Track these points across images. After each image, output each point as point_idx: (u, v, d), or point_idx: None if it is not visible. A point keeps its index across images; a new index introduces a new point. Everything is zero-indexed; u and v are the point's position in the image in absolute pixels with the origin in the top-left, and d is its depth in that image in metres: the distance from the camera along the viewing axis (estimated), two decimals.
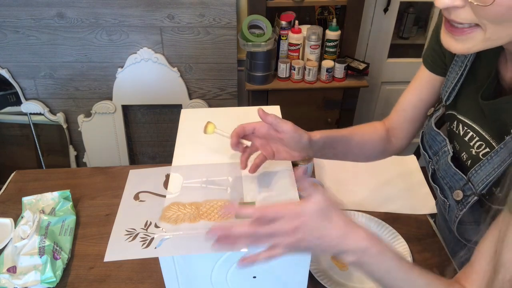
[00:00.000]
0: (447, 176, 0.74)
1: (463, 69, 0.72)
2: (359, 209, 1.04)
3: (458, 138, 0.74)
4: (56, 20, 1.89)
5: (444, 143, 0.75)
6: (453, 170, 0.72)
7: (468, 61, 0.72)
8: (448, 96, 0.76)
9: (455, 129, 0.74)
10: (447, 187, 0.75)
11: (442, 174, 0.76)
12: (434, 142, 0.78)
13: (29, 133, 2.17)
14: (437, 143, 0.77)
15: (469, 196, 0.69)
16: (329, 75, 1.92)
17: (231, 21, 1.92)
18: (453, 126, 0.75)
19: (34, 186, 1.14)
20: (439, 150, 0.76)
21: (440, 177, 0.76)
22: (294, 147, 0.73)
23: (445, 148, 0.75)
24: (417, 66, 0.86)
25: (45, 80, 2.05)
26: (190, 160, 0.79)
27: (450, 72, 0.75)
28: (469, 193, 0.69)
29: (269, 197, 0.71)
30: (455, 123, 0.75)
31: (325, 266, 0.91)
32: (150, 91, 2.05)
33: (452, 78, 0.74)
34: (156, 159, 2.36)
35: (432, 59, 0.81)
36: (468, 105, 0.72)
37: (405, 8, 2.31)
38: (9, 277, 0.85)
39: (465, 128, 0.73)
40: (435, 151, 0.78)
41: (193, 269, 0.67)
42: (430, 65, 0.81)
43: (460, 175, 0.71)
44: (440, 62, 0.79)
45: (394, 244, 0.95)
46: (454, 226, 0.76)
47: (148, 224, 0.66)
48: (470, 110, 0.72)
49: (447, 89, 0.76)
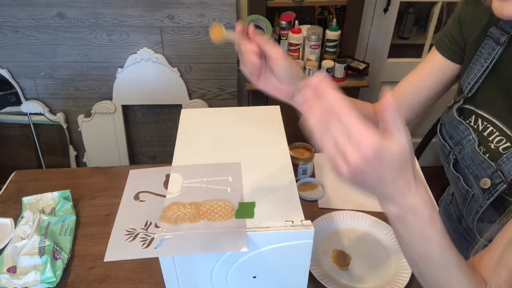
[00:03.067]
0: (473, 164, 0.72)
1: (490, 62, 0.69)
2: (359, 209, 1.04)
3: (475, 132, 0.72)
4: (56, 20, 1.89)
5: (468, 131, 0.73)
6: (480, 158, 0.70)
7: (496, 53, 0.69)
8: (471, 89, 0.73)
9: (473, 123, 0.73)
10: (473, 176, 0.73)
11: (467, 163, 0.73)
12: (456, 132, 0.76)
13: (29, 133, 2.17)
14: (459, 132, 0.75)
15: (497, 184, 0.67)
16: (329, 75, 1.92)
17: (231, 21, 1.92)
18: (469, 121, 0.74)
19: (34, 186, 1.14)
20: (463, 139, 0.74)
21: (464, 166, 0.74)
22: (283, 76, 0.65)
23: (470, 136, 0.73)
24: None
25: (45, 80, 2.05)
26: (190, 160, 0.79)
27: (474, 64, 0.72)
28: (498, 181, 0.67)
29: (269, 197, 0.71)
30: (473, 118, 0.73)
31: (325, 267, 0.91)
32: (150, 91, 2.05)
33: (476, 70, 0.72)
34: (156, 159, 2.36)
35: (448, 45, 0.78)
36: (491, 99, 0.71)
37: (405, 8, 2.31)
38: (9, 277, 0.85)
39: (484, 123, 0.71)
40: (457, 141, 0.76)
41: (193, 269, 0.67)
42: (446, 50, 0.79)
43: (488, 163, 0.69)
44: (459, 49, 0.77)
45: (394, 244, 0.96)
46: (474, 219, 0.73)
47: (148, 224, 0.66)
48: (492, 104, 0.70)
49: (470, 81, 0.73)
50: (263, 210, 0.67)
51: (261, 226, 0.64)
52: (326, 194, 1.11)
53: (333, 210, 1.04)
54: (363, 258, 0.94)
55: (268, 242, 0.64)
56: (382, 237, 0.98)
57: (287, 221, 0.65)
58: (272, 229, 0.64)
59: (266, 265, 0.68)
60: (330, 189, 1.13)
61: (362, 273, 0.90)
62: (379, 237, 0.99)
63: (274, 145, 0.82)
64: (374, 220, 1.01)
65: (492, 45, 0.69)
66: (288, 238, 0.64)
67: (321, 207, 1.07)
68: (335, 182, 1.16)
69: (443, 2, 2.09)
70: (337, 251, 0.95)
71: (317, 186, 1.14)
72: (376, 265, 0.92)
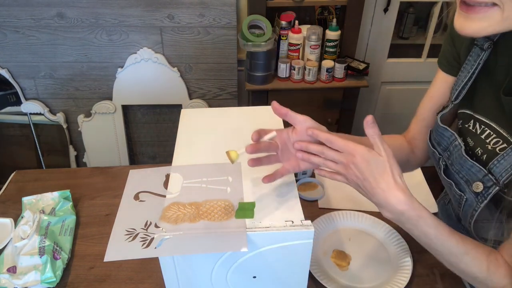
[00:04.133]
0: (463, 169, 0.74)
1: (475, 68, 0.73)
2: (359, 209, 1.04)
3: (472, 135, 0.74)
4: (56, 20, 1.89)
5: (453, 137, 0.76)
6: (469, 163, 0.72)
7: (481, 59, 0.72)
8: (458, 94, 0.76)
9: (472, 127, 0.75)
10: (464, 181, 0.74)
11: (457, 168, 0.75)
12: (442, 138, 0.78)
13: (29, 133, 2.17)
14: (446, 138, 0.78)
15: (490, 187, 0.69)
16: (329, 75, 1.92)
17: (231, 21, 1.92)
18: (468, 125, 0.76)
19: (34, 186, 1.14)
20: (449, 145, 0.77)
21: (454, 172, 0.76)
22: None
23: (455, 142, 0.75)
24: (417, 66, 0.87)
25: (45, 80, 2.05)
26: (190, 160, 0.79)
27: (462, 71, 0.76)
28: (490, 184, 0.69)
29: (269, 197, 0.71)
30: (472, 122, 0.75)
31: (325, 266, 0.91)
32: (150, 91, 2.05)
33: (463, 76, 0.75)
34: (156, 159, 2.36)
35: (447, 60, 0.81)
36: (485, 103, 0.73)
37: (405, 8, 2.31)
38: (9, 277, 0.85)
39: (482, 126, 0.73)
40: (445, 147, 0.78)
41: (193, 269, 0.67)
42: (445, 66, 0.82)
43: (477, 167, 0.71)
44: (455, 62, 0.80)
45: (394, 244, 0.96)
46: (470, 223, 0.75)
47: (148, 224, 0.66)
48: (488, 108, 0.72)
49: (457, 87, 0.76)
50: (263, 210, 0.67)
51: (261, 226, 0.64)
52: (326, 194, 1.11)
53: (333, 210, 1.04)
54: (363, 258, 0.94)
55: (268, 242, 0.64)
56: (382, 237, 0.98)
57: (287, 221, 0.65)
58: (272, 229, 0.64)
59: (266, 265, 0.68)
60: (330, 189, 1.13)
61: (362, 273, 0.90)
62: (379, 237, 0.99)
63: None
64: (374, 220, 1.01)
65: (478, 52, 0.72)
66: (288, 238, 0.64)
67: (321, 207, 1.07)
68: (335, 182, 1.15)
69: (443, 2, 2.09)
70: (337, 251, 0.95)
71: (317, 186, 1.14)
72: (376, 265, 0.92)
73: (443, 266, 0.73)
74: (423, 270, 0.91)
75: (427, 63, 2.20)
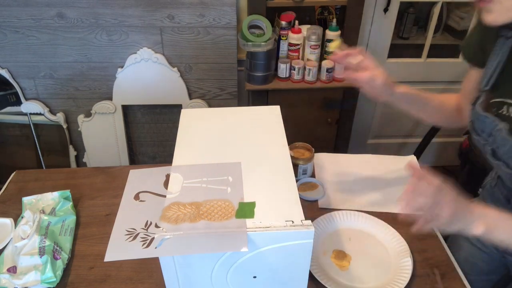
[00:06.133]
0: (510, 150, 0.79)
1: (501, 56, 0.79)
2: (359, 209, 1.04)
3: (509, 120, 0.80)
4: (56, 20, 1.89)
5: (496, 122, 0.80)
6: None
7: (506, 47, 0.78)
8: (487, 82, 0.82)
9: (506, 112, 0.81)
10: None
11: (503, 150, 0.81)
12: (485, 125, 0.83)
13: (29, 133, 2.17)
14: (488, 124, 0.82)
15: None
16: (329, 75, 1.92)
17: (231, 21, 1.92)
18: (502, 111, 0.81)
19: (34, 186, 1.14)
20: (492, 130, 0.81)
21: (502, 153, 0.81)
22: (379, 93, 0.88)
23: (498, 126, 0.80)
24: (417, 66, 0.89)
25: (45, 80, 2.05)
26: (190, 160, 0.79)
27: (489, 61, 0.83)
28: None
29: (269, 197, 0.71)
30: (505, 108, 0.81)
31: (325, 266, 0.91)
32: (150, 91, 2.05)
33: (490, 65, 0.82)
34: (156, 159, 2.36)
35: (473, 52, 0.89)
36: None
37: (405, 8, 2.31)
38: (9, 277, 0.85)
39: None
40: (489, 133, 0.83)
41: (193, 269, 0.67)
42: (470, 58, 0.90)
43: None
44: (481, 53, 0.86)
45: (394, 244, 0.96)
46: None
47: (148, 224, 0.66)
48: None
49: (486, 76, 0.83)
50: (263, 210, 0.67)
51: (261, 226, 0.64)
52: (326, 194, 1.11)
53: (333, 210, 1.04)
54: (363, 258, 0.94)
55: (268, 242, 0.64)
56: (382, 237, 0.98)
57: (287, 221, 0.65)
58: (272, 229, 0.64)
59: (266, 265, 0.68)
60: (330, 189, 1.13)
61: (362, 273, 0.90)
62: (379, 237, 0.99)
63: (274, 145, 0.82)
64: (374, 220, 1.01)
65: (504, 41, 0.79)
66: (288, 238, 0.64)
67: (321, 207, 1.07)
68: (335, 182, 1.16)
69: (443, 2, 2.09)
70: (337, 251, 0.95)
71: (317, 186, 1.14)
72: (376, 265, 0.92)
73: (443, 266, 0.73)
74: (423, 270, 0.91)
75: (427, 63, 2.20)
